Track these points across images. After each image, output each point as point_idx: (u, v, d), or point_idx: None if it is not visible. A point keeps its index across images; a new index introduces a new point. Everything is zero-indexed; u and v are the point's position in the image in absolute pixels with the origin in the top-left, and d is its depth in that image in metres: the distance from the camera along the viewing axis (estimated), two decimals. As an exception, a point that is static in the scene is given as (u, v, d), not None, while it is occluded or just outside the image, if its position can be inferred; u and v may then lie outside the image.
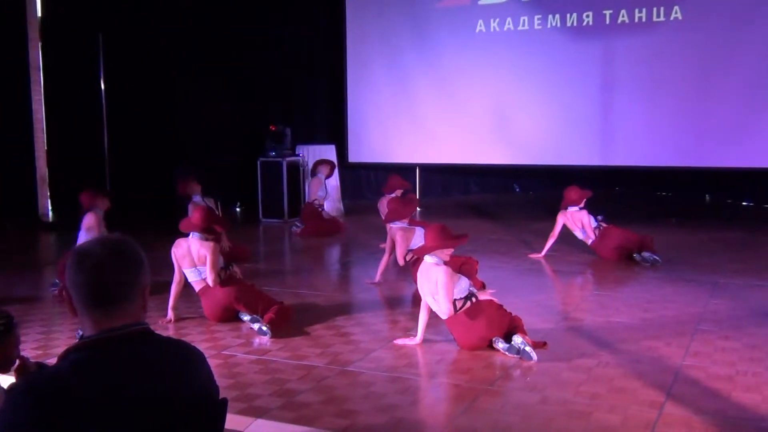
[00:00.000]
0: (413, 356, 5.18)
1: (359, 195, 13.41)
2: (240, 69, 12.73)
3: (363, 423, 4.00)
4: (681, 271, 7.81)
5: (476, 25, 12.49)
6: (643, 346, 5.29)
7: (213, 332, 5.78)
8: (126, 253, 1.97)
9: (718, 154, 11.10)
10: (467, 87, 12.56)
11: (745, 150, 10.87)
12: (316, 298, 6.87)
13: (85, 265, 1.92)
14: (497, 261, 8.33)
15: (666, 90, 11.31)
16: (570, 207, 8.55)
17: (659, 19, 11.29)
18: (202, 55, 12.27)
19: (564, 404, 4.23)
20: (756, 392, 4.38)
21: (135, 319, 1.95)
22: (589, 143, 11.90)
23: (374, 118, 13.38)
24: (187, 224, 6.07)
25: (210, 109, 12.35)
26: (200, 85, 12.30)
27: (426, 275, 5.26)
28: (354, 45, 13.40)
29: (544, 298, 6.89)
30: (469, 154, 12.76)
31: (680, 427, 3.88)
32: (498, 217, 12.06)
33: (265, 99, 12.87)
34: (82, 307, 1.93)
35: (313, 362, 5.02)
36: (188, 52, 12.11)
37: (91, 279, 1.91)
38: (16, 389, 1.88)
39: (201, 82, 12.30)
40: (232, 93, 12.67)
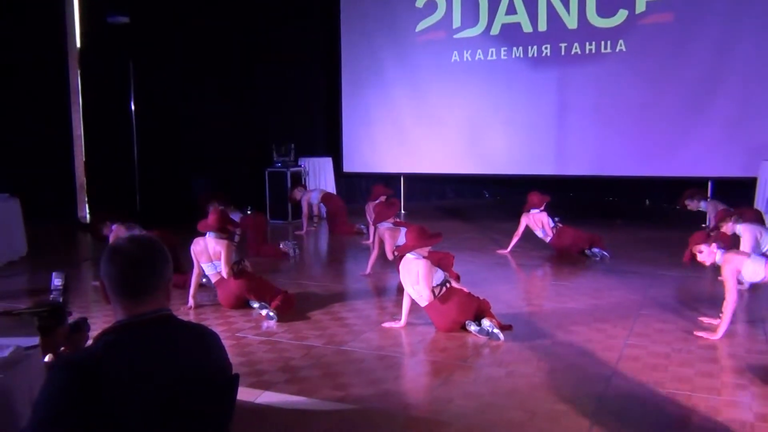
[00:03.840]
0: (398, 337, 5.18)
1: (352, 200, 13.38)
2: (250, 91, 12.69)
3: (355, 394, 3.99)
4: (625, 264, 7.84)
5: (452, 55, 12.50)
6: (593, 327, 5.31)
7: (227, 317, 5.76)
8: (153, 250, 1.96)
9: (656, 164, 11.15)
10: (444, 107, 12.57)
11: (679, 161, 10.93)
12: (316, 288, 6.85)
13: (117, 259, 1.91)
14: (470, 256, 8.33)
15: (612, 111, 11.35)
16: (532, 210, 8.57)
17: (607, 51, 11.34)
18: (217, 79, 12.22)
19: (526, 377, 4.24)
20: (689, 367, 4.41)
21: (160, 306, 1.94)
22: (548, 155, 11.93)
23: (365, 133, 13.37)
24: (204, 225, 6.05)
25: (224, 125, 12.30)
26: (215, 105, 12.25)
27: (407, 268, 5.27)
28: (348, 71, 13.40)
29: (510, 288, 6.90)
30: (446, 165, 12.77)
31: (625, 396, 3.90)
32: (470, 218, 12.07)
33: (271, 117, 12.83)
34: (114, 295, 1.92)
35: (313, 342, 5.01)
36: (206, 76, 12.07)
37: (123, 271, 1.90)
38: (56, 365, 1.87)
39: (216, 102, 12.25)
40: (244, 112, 12.63)
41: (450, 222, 11.45)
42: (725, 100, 10.56)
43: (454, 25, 12.45)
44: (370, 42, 13.11)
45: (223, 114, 12.33)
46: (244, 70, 12.63)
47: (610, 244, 8.55)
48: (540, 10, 11.73)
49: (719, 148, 10.65)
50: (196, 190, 11.45)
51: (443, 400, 3.89)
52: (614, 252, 8.35)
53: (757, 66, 10.30)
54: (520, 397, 3.92)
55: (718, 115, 10.61)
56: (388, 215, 7.44)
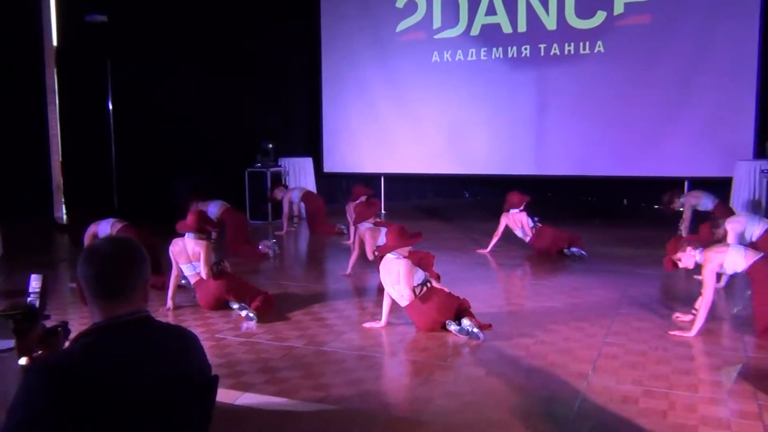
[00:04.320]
0: (378, 337, 5.18)
1: (333, 200, 13.35)
2: (230, 91, 12.62)
3: (336, 394, 3.99)
4: (603, 264, 7.91)
5: (432, 55, 12.53)
6: (572, 326, 5.35)
7: (206, 318, 5.73)
8: (130, 251, 1.94)
9: (634, 164, 11.26)
10: (425, 108, 12.60)
11: (657, 161, 11.05)
12: (296, 288, 6.83)
13: (94, 260, 1.89)
14: (450, 256, 8.35)
15: (591, 111, 11.45)
16: (511, 209, 8.61)
17: (585, 52, 11.43)
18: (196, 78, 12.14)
19: (506, 376, 4.26)
20: (666, 364, 4.46)
21: (138, 308, 1.92)
22: (527, 156, 12.00)
23: (345, 134, 13.35)
24: (182, 225, 6.01)
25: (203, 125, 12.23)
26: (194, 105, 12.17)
27: (387, 268, 5.28)
28: (328, 71, 13.38)
29: (490, 287, 6.93)
30: (426, 165, 12.79)
31: (604, 394, 3.94)
32: (450, 218, 12.10)
33: (251, 118, 12.77)
34: (91, 297, 1.90)
35: (293, 343, 4.99)
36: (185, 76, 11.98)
37: (100, 273, 1.88)
38: (32, 368, 1.85)
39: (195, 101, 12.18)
40: (223, 112, 12.55)
41: (430, 222, 11.48)
42: (701, 101, 10.70)
43: (435, 25, 12.48)
44: (350, 42, 13.10)
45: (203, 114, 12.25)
46: (224, 69, 12.55)
47: (589, 243, 8.62)
48: (519, 11, 11.80)
49: (696, 148, 10.79)
50: (176, 189, 11.36)
51: (423, 400, 3.90)
52: (593, 251, 8.42)
53: (732, 67, 10.44)
54: (499, 396, 3.94)
55: (695, 115, 10.74)
56: (369, 215, 7.44)
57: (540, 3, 11.64)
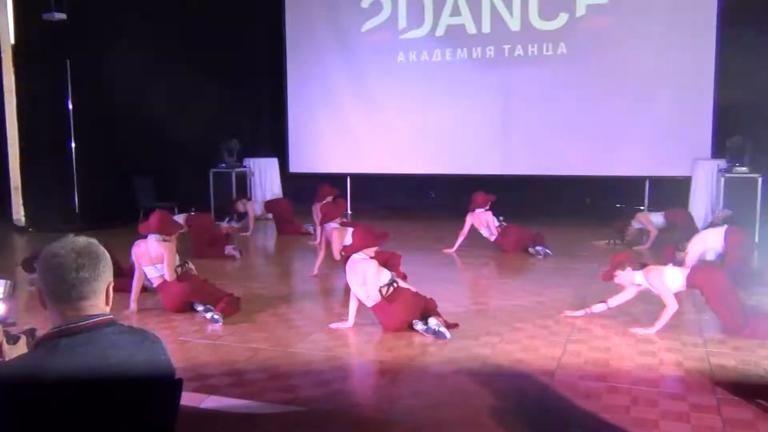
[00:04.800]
0: (346, 338, 5.17)
1: (299, 201, 13.28)
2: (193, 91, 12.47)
3: (303, 396, 3.97)
4: (568, 262, 8.02)
5: (398, 55, 12.56)
6: (537, 324, 5.41)
7: (170, 321, 5.65)
8: (91, 253, 1.90)
9: (597, 164, 11.44)
10: (391, 108, 12.62)
11: (619, 161, 11.24)
12: (262, 290, 6.79)
13: (53, 263, 1.85)
14: (417, 255, 8.38)
15: (554, 112, 11.59)
16: (477, 209, 8.68)
17: (548, 53, 11.58)
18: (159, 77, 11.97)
19: (473, 375, 4.29)
20: (629, 361, 4.54)
21: (100, 311, 1.89)
22: (491, 155, 12.11)
23: (311, 134, 13.30)
24: (145, 227, 5.92)
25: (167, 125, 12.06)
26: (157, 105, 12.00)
27: (354, 269, 5.28)
28: (293, 71, 13.31)
29: (456, 286, 6.97)
30: (392, 165, 12.82)
31: (569, 390, 3.99)
32: (417, 218, 12.14)
33: (216, 118, 12.63)
34: (51, 301, 1.86)
35: (260, 345, 4.96)
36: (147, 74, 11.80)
37: (60, 276, 1.84)
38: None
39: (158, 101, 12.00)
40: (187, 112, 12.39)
41: (396, 222, 11.49)
42: (661, 102, 10.92)
43: (400, 25, 12.51)
44: (315, 42, 13.06)
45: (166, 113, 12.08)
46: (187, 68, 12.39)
47: (553, 241, 8.73)
48: (484, 12, 11.89)
49: (656, 148, 11.00)
50: (138, 190, 11.18)
51: (391, 399, 3.91)
52: (557, 250, 8.53)
53: (691, 69, 10.67)
54: (466, 394, 3.96)
55: (655, 116, 10.95)
56: (335, 215, 7.43)
57: (504, 4, 11.76)
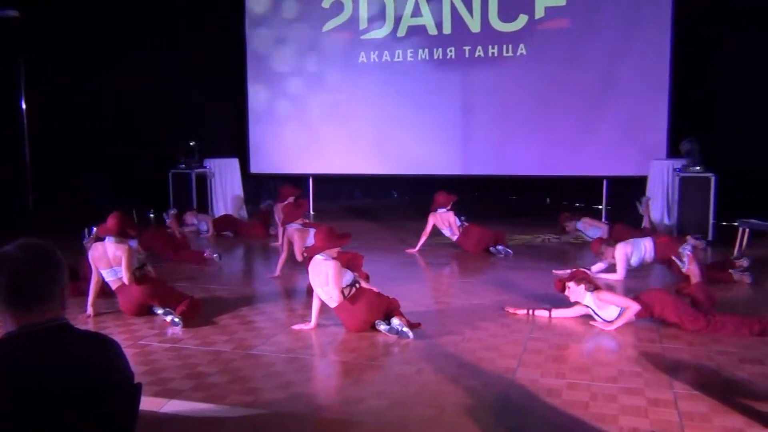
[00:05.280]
0: (308, 339, 5.15)
1: (260, 201, 13.19)
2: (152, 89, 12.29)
3: (265, 398, 3.94)
4: (527, 261, 8.13)
5: (359, 56, 12.56)
6: (498, 323, 5.47)
7: (129, 325, 5.55)
8: (45, 256, 1.86)
9: (556, 164, 11.61)
10: (352, 108, 12.61)
11: (577, 161, 11.43)
12: (223, 292, 6.72)
13: (5, 267, 1.81)
14: (379, 255, 8.40)
15: (515, 112, 11.73)
16: (439, 209, 8.73)
17: (508, 55, 11.71)
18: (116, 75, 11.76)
19: (436, 374, 4.31)
20: (588, 357, 4.62)
21: (54, 316, 1.85)
22: (453, 155, 12.20)
23: (272, 134, 13.22)
24: (103, 229, 5.80)
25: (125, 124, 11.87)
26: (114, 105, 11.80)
27: (317, 269, 5.26)
28: (253, 70, 13.21)
29: (418, 286, 7.00)
30: (354, 165, 12.82)
31: (530, 388, 4.04)
32: (379, 218, 12.17)
33: (174, 117, 12.46)
34: (3, 305, 1.81)
35: (221, 348, 4.90)
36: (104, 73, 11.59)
37: (12, 280, 1.80)
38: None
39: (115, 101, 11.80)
40: (145, 112, 12.21)
41: (359, 222, 11.50)
42: (618, 103, 11.13)
43: (361, 26, 12.51)
44: (276, 41, 12.98)
45: (123, 113, 11.88)
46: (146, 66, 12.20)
47: (514, 241, 8.83)
48: (444, 13, 11.97)
49: (613, 148, 11.22)
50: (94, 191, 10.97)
51: (354, 400, 3.90)
52: (517, 249, 8.64)
53: (647, 70, 10.90)
54: (429, 393, 3.98)
55: (612, 117, 11.16)
56: (297, 216, 7.40)
57: (464, 6, 11.85)
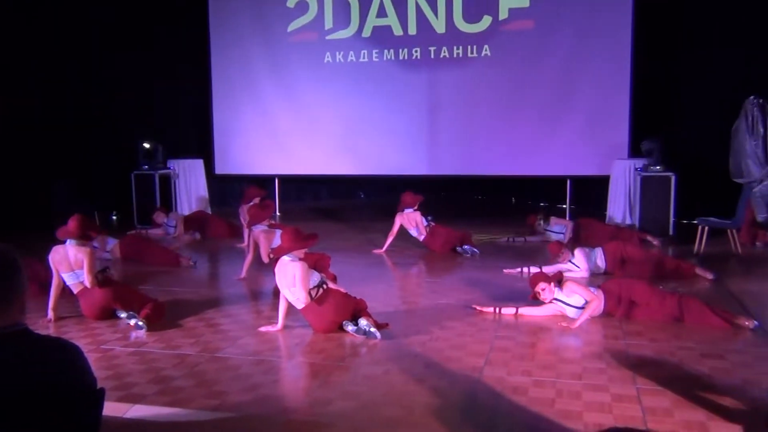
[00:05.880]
0: (275, 341, 5.13)
1: (225, 203, 13.08)
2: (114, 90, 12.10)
3: (232, 401, 3.91)
4: (494, 260, 8.19)
5: (324, 56, 12.52)
6: (465, 322, 5.51)
7: (92, 329, 5.45)
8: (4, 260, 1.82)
9: (520, 164, 11.72)
10: (318, 108, 12.56)
11: (542, 161, 11.56)
12: (188, 295, 6.64)
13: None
14: (346, 256, 8.39)
15: (479, 113, 11.81)
16: (406, 209, 8.75)
17: (473, 56, 11.79)
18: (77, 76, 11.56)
19: (404, 374, 4.33)
20: (553, 354, 4.68)
21: (13, 321, 1.81)
22: (419, 156, 12.23)
23: (237, 134, 13.10)
24: (63, 232, 5.69)
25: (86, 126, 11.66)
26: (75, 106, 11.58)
27: (283, 271, 5.23)
28: (218, 69, 13.06)
29: (386, 286, 7.01)
30: (320, 166, 12.77)
31: (497, 385, 4.08)
32: (346, 219, 12.15)
33: (137, 117, 12.28)
34: (-40, 311, 1.77)
35: (186, 351, 4.85)
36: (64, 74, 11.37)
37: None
38: None
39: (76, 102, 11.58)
40: (106, 113, 12.01)
41: (325, 223, 11.47)
42: (581, 103, 11.28)
43: (326, 26, 12.47)
44: (240, 40, 12.86)
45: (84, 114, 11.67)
46: (107, 67, 12.00)
47: (480, 241, 8.90)
48: (410, 13, 12.00)
49: (577, 148, 11.37)
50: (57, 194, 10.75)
51: (322, 402, 3.89)
52: (483, 249, 8.71)
53: (609, 71, 11.07)
54: (397, 393, 4.00)
55: (575, 117, 11.31)
56: (263, 217, 7.34)
57: (429, 7, 11.90)
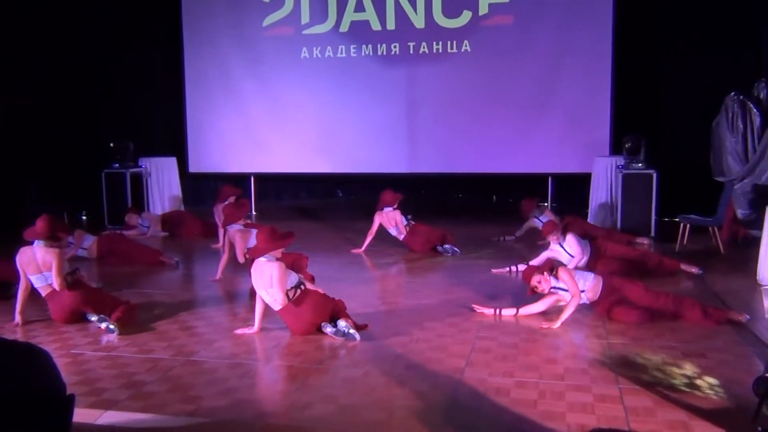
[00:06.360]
0: (251, 343, 5.10)
1: (200, 202, 12.97)
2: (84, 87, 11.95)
3: (207, 406, 3.88)
4: (475, 259, 8.22)
5: (301, 51, 12.48)
6: (446, 322, 5.52)
7: (61, 333, 5.38)
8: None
9: (502, 162, 11.80)
10: (295, 105, 12.53)
11: (523, 158, 11.64)
12: (162, 297, 6.57)
13: None
14: (325, 256, 8.36)
15: (460, 109, 11.86)
16: (385, 208, 8.75)
17: (453, 51, 11.83)
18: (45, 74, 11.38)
19: (384, 376, 4.32)
20: (535, 355, 4.70)
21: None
22: (399, 154, 12.25)
23: (212, 131, 13.01)
24: (31, 233, 5.60)
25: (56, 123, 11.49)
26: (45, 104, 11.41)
27: (260, 271, 5.20)
28: (191, 66, 12.97)
29: (365, 287, 7.00)
30: (298, 164, 12.74)
31: (478, 388, 4.09)
32: (324, 218, 12.12)
33: (108, 115, 12.14)
34: None
35: (160, 355, 4.80)
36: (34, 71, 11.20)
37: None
38: None
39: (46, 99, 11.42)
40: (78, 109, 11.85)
41: (303, 222, 11.44)
42: (562, 100, 11.38)
43: (303, 20, 12.43)
44: (214, 36, 12.77)
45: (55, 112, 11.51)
46: (77, 63, 11.85)
47: (461, 239, 8.93)
48: (388, 8, 12.01)
49: (558, 145, 11.46)
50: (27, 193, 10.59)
51: (300, 406, 3.87)
52: (465, 248, 8.73)
53: (590, 68, 11.18)
54: (377, 396, 3.99)
55: (556, 114, 11.41)
56: (238, 217, 7.30)
57: (408, 1, 11.92)
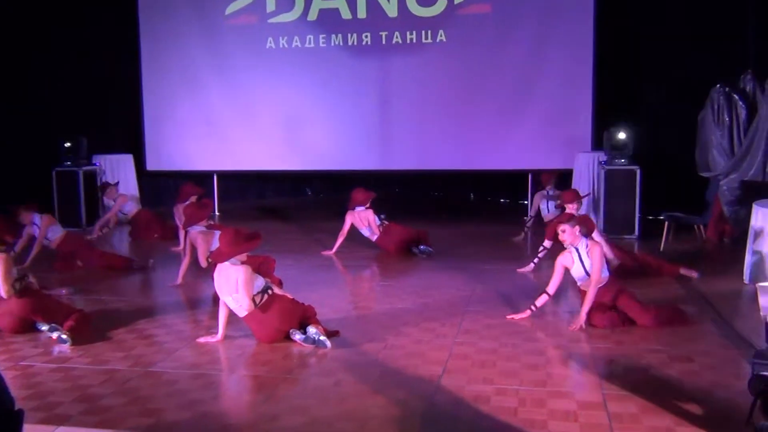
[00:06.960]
0: (215, 352, 5.06)
1: (159, 202, 12.83)
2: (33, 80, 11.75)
3: (168, 420, 3.84)
4: (452, 261, 8.25)
5: (266, 41, 12.40)
6: (422, 327, 5.53)
7: (8, 344, 5.28)
8: None
9: (479, 158, 11.84)
10: (260, 98, 12.45)
11: (501, 155, 11.70)
12: (118, 303, 6.50)
13: None
14: (293, 259, 8.33)
15: (435, 103, 11.87)
16: (357, 207, 8.74)
17: (428, 41, 11.85)
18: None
19: (357, 385, 4.32)
20: (516, 361, 4.73)
21: None
22: (371, 150, 12.23)
23: (171, 127, 12.87)
24: (-25, 237, 5.51)
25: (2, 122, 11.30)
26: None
27: (224, 276, 5.17)
28: (148, 57, 12.81)
29: (336, 291, 6.99)
30: (263, 161, 12.66)
31: (455, 396, 4.11)
32: (292, 218, 12.08)
33: (59, 110, 11.94)
34: None
35: (116, 366, 4.74)
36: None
37: None
38: None
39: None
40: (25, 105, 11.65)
41: (270, 223, 11.39)
42: (542, 94, 11.45)
43: (268, 9, 12.36)
44: (173, 25, 12.63)
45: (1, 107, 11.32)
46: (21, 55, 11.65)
47: (436, 240, 8.96)
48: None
49: (538, 141, 11.54)
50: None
51: (268, 418, 3.86)
52: (441, 248, 8.76)
53: (571, 62, 11.26)
54: (350, 406, 3.99)
55: (536, 108, 11.47)
56: (200, 218, 7.22)
57: (380, -12, 11.90)
